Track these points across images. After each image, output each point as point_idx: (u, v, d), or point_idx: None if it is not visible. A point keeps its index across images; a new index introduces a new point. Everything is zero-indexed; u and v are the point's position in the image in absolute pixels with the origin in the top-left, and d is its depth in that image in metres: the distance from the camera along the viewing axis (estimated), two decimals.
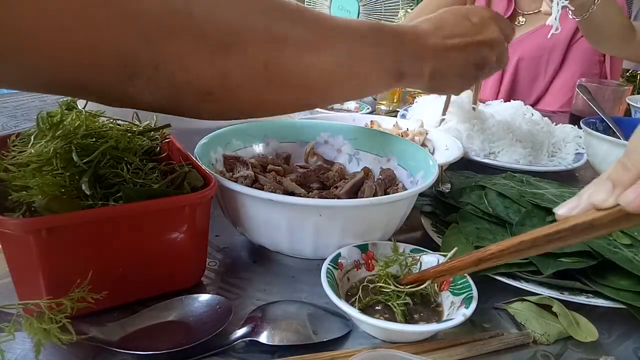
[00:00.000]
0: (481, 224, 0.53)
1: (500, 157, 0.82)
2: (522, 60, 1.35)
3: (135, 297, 0.42)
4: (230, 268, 0.50)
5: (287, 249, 0.49)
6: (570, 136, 0.90)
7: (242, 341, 0.39)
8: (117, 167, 0.43)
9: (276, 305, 0.43)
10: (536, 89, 1.37)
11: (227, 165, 0.57)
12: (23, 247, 0.36)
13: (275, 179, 0.55)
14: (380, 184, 0.55)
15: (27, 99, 1.09)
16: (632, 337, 0.44)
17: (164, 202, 0.40)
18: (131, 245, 0.40)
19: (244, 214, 0.48)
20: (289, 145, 0.64)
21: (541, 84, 1.36)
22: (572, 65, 1.32)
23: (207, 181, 0.44)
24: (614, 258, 0.46)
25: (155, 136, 0.51)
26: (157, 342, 0.37)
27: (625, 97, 1.08)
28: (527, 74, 1.36)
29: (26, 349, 0.37)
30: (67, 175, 0.40)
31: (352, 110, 1.07)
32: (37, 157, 0.40)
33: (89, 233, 0.37)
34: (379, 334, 0.41)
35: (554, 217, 0.51)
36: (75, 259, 0.37)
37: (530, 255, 0.45)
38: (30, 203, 0.38)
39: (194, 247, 0.44)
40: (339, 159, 0.64)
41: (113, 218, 0.38)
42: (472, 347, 0.40)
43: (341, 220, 0.46)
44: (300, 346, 0.39)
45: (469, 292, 0.42)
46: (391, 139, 0.63)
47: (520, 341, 0.42)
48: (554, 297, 0.45)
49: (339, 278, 0.44)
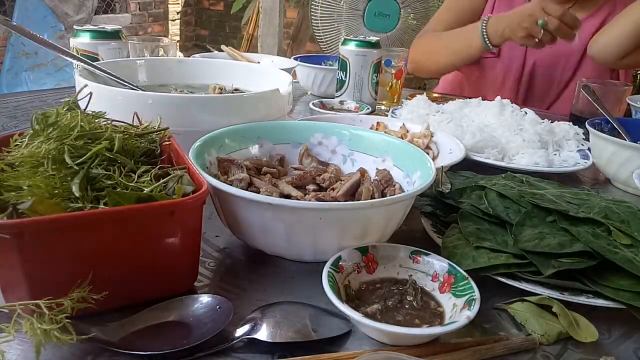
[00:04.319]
0: (481, 224, 0.53)
1: (518, 160, 0.81)
2: (538, 66, 1.34)
3: (121, 302, 0.41)
4: (230, 268, 0.50)
5: (286, 253, 0.49)
6: (571, 134, 0.90)
7: (242, 341, 0.39)
8: (110, 169, 0.42)
9: (276, 306, 0.43)
10: (551, 95, 1.36)
11: (222, 168, 0.56)
12: (5, 249, 0.35)
13: (271, 181, 0.55)
14: (377, 185, 0.55)
15: (27, 99, 1.09)
16: (632, 337, 0.44)
17: (151, 207, 0.39)
18: (117, 250, 0.39)
19: (240, 218, 0.48)
20: (283, 147, 0.64)
21: (555, 91, 1.35)
22: (586, 73, 1.31)
23: (198, 186, 0.42)
24: (614, 258, 0.46)
25: (154, 138, 0.51)
26: (157, 342, 0.37)
27: (625, 97, 1.08)
28: (543, 79, 1.35)
29: (26, 348, 0.37)
30: (58, 177, 0.40)
31: (352, 110, 1.07)
32: (29, 157, 0.40)
33: (73, 236, 0.37)
34: (381, 337, 0.41)
35: (554, 217, 0.52)
36: (60, 263, 0.37)
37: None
38: (16, 204, 0.37)
39: (184, 254, 0.43)
40: (334, 160, 0.64)
41: (97, 222, 0.37)
42: (475, 351, 0.40)
43: (341, 222, 0.46)
44: (301, 345, 0.39)
45: (471, 293, 0.42)
46: (385, 139, 0.63)
47: (526, 346, 0.41)
48: (554, 297, 0.45)
49: (340, 281, 0.44)
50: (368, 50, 1.08)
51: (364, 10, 1.62)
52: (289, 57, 1.31)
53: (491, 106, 0.95)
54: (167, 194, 0.42)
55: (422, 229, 0.57)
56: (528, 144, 0.83)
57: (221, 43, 1.39)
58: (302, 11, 3.09)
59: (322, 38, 1.67)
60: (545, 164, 0.80)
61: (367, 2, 1.61)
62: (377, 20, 1.66)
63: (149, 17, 4.29)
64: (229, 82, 0.84)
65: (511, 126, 0.88)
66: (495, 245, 0.49)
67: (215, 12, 4.96)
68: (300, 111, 1.14)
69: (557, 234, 0.50)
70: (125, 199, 0.39)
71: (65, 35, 3.42)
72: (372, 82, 1.11)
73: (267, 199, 0.44)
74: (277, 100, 0.69)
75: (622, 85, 1.11)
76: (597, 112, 0.97)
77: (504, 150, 0.83)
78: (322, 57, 1.40)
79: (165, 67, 0.85)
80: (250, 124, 0.63)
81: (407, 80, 1.25)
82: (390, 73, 1.17)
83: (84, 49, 0.92)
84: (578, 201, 0.55)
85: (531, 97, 1.38)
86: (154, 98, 0.60)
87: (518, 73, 1.36)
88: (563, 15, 1.09)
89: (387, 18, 1.66)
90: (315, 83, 1.26)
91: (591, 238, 0.48)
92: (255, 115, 0.65)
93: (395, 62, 1.16)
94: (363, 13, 1.62)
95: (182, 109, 0.61)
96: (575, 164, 0.82)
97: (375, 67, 1.10)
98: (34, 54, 3.36)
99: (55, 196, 0.39)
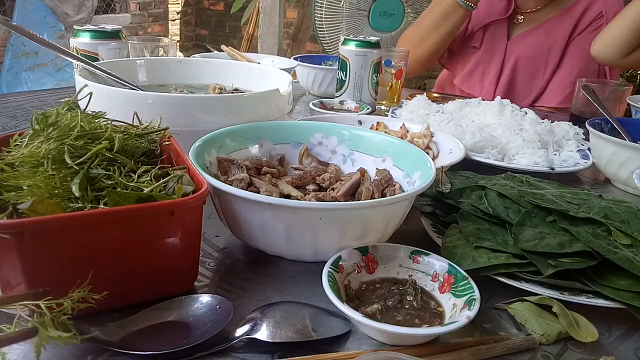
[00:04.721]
0: (481, 224, 0.53)
1: (518, 160, 0.81)
2: (521, 58, 1.36)
3: (121, 302, 0.41)
4: (230, 268, 0.50)
5: (286, 253, 0.49)
6: (570, 134, 0.90)
7: (242, 341, 0.39)
8: (110, 169, 0.42)
9: (276, 306, 0.43)
10: (535, 86, 1.37)
11: (222, 169, 0.56)
12: (5, 249, 0.35)
13: (271, 181, 0.55)
14: (377, 185, 0.55)
15: (27, 99, 1.09)
16: (632, 337, 0.44)
17: (151, 207, 0.39)
18: (117, 250, 0.39)
19: (240, 218, 0.48)
20: (283, 147, 0.64)
21: (540, 82, 1.36)
22: (571, 62, 1.32)
23: (198, 186, 0.42)
24: (614, 258, 0.46)
25: (154, 138, 0.51)
26: (157, 342, 0.37)
27: (625, 97, 1.08)
28: (526, 72, 1.37)
29: (26, 349, 0.37)
30: (58, 177, 0.40)
31: (353, 110, 1.07)
32: (29, 157, 0.40)
33: (73, 236, 0.37)
34: (381, 337, 0.41)
35: (554, 217, 0.52)
36: (60, 263, 0.37)
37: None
38: (16, 204, 0.37)
39: (184, 254, 0.43)
40: (334, 160, 0.64)
41: (97, 222, 0.37)
42: (475, 351, 0.40)
43: (341, 222, 0.46)
44: (301, 345, 0.39)
45: (471, 293, 0.42)
46: (385, 139, 0.63)
47: (526, 346, 0.41)
48: (554, 297, 0.45)
49: (340, 281, 0.44)
50: (368, 50, 1.08)
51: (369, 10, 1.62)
52: (289, 57, 1.31)
53: (491, 106, 0.95)
54: (167, 194, 0.42)
55: (422, 229, 0.57)
56: (528, 144, 0.83)
57: (221, 43, 1.39)
58: (302, 11, 3.08)
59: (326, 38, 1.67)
60: (546, 164, 0.80)
61: (373, 2, 1.61)
62: (382, 20, 1.66)
63: (149, 17, 4.30)
64: (229, 82, 0.84)
65: (511, 126, 0.88)
66: (495, 245, 0.49)
67: (215, 12, 4.96)
68: (300, 111, 1.14)
69: (557, 234, 0.50)
70: (125, 199, 0.39)
71: (65, 35, 3.42)
72: (372, 82, 1.11)
73: (267, 199, 0.44)
74: (277, 100, 0.69)
75: (622, 85, 1.11)
76: (597, 112, 0.97)
77: (504, 150, 0.83)
78: (322, 57, 1.40)
79: (165, 67, 0.85)
80: (250, 124, 0.63)
81: (407, 80, 1.25)
82: (390, 73, 1.17)
83: (84, 49, 0.92)
84: (578, 201, 0.55)
85: (515, 89, 1.40)
86: (154, 98, 0.60)
87: (499, 64, 1.38)
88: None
89: (392, 17, 1.66)
90: (315, 83, 1.26)
91: (591, 238, 0.48)
92: (255, 115, 0.65)
93: (395, 62, 1.16)
94: (368, 13, 1.62)
95: (182, 109, 0.61)
96: (575, 164, 0.82)
97: (375, 67, 1.10)
98: (34, 54, 3.36)
99: (55, 196, 0.39)
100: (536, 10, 1.34)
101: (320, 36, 1.67)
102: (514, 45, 1.36)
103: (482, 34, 1.40)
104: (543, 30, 1.33)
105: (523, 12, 1.36)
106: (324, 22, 1.63)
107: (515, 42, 1.36)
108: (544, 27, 1.33)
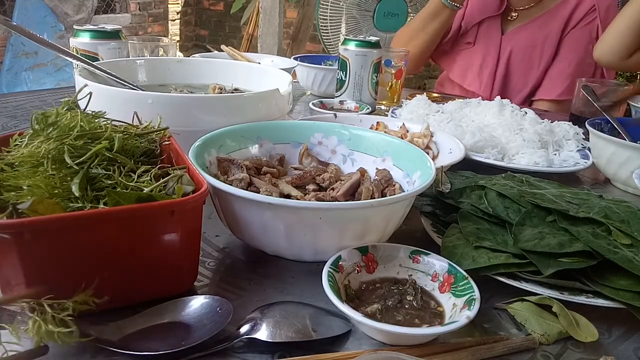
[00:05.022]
0: (481, 224, 0.53)
1: (518, 160, 0.81)
2: (515, 52, 1.38)
3: (121, 302, 0.41)
4: (230, 268, 0.50)
5: (286, 253, 0.49)
6: (570, 134, 0.90)
7: (242, 341, 0.39)
8: (110, 169, 0.42)
9: (276, 305, 0.43)
10: (531, 78, 1.38)
11: (221, 168, 0.56)
12: (5, 249, 0.35)
13: (271, 181, 0.55)
14: (377, 184, 0.55)
15: (27, 98, 1.09)
16: (632, 337, 0.44)
17: (151, 207, 0.39)
18: (117, 250, 0.39)
19: (240, 218, 0.48)
20: (283, 147, 0.64)
21: (536, 74, 1.38)
22: (568, 55, 1.34)
23: (198, 186, 0.42)
24: (614, 258, 0.46)
25: (154, 138, 0.51)
26: (157, 342, 0.37)
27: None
28: (521, 65, 1.38)
29: (26, 348, 0.37)
30: (58, 177, 0.40)
31: (352, 110, 1.07)
32: (29, 157, 0.40)
33: (73, 236, 0.37)
34: (381, 337, 0.41)
35: (554, 217, 0.52)
36: (60, 263, 0.37)
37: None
38: (16, 204, 0.37)
39: (184, 254, 0.43)
40: (334, 160, 0.64)
41: (97, 222, 0.37)
42: (475, 351, 0.40)
43: (341, 222, 0.46)
44: (301, 345, 0.39)
45: (471, 293, 0.42)
46: (385, 139, 0.63)
47: (526, 346, 0.41)
48: (554, 297, 0.45)
49: (340, 281, 0.44)
50: (368, 50, 1.08)
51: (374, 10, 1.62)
52: (289, 57, 1.31)
53: (491, 106, 0.95)
54: (167, 193, 0.42)
55: (422, 229, 0.57)
56: (528, 144, 0.83)
57: (221, 43, 1.39)
58: (302, 11, 3.08)
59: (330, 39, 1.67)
60: (545, 163, 0.80)
61: (377, 3, 1.62)
62: (387, 20, 1.67)
63: (149, 17, 4.30)
64: (229, 82, 0.84)
65: (511, 126, 0.88)
66: (495, 245, 0.49)
67: (215, 12, 4.96)
68: (300, 111, 1.14)
69: (557, 233, 0.50)
70: (125, 198, 0.39)
71: (65, 35, 3.42)
72: (372, 82, 1.11)
73: (267, 198, 0.44)
74: (277, 100, 0.69)
75: (622, 85, 1.11)
76: (597, 112, 0.97)
77: (504, 150, 0.83)
78: (322, 57, 1.40)
79: (165, 67, 0.85)
80: (250, 124, 0.63)
81: (407, 80, 1.25)
82: (390, 73, 1.17)
83: (84, 48, 0.92)
84: (578, 201, 0.55)
85: (510, 83, 1.41)
86: (154, 98, 0.60)
87: (495, 58, 1.40)
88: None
89: (396, 17, 1.67)
90: (315, 83, 1.26)
91: (591, 238, 0.48)
92: (255, 115, 0.65)
93: (395, 62, 1.16)
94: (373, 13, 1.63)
95: (182, 109, 0.61)
96: (575, 164, 0.82)
97: (375, 67, 1.10)
98: (34, 53, 3.36)
99: (55, 196, 0.39)
100: (529, 7, 1.37)
101: (324, 36, 1.67)
102: (508, 39, 1.38)
103: (476, 30, 1.43)
104: (536, 24, 1.36)
105: (517, 9, 1.39)
106: (328, 23, 1.63)
107: (509, 36, 1.39)
108: (537, 21, 1.36)
